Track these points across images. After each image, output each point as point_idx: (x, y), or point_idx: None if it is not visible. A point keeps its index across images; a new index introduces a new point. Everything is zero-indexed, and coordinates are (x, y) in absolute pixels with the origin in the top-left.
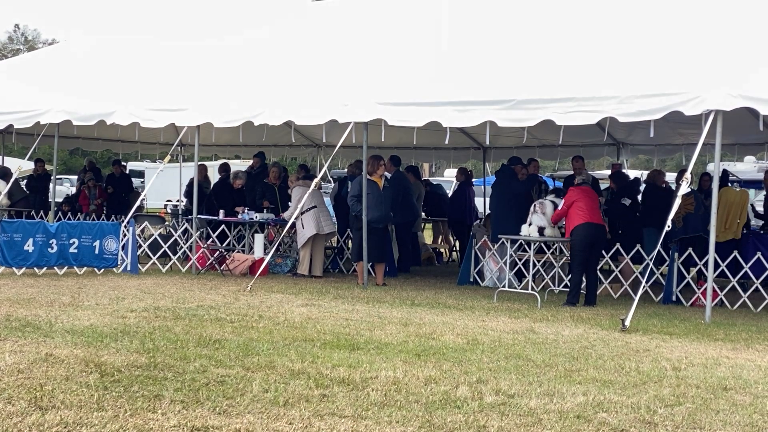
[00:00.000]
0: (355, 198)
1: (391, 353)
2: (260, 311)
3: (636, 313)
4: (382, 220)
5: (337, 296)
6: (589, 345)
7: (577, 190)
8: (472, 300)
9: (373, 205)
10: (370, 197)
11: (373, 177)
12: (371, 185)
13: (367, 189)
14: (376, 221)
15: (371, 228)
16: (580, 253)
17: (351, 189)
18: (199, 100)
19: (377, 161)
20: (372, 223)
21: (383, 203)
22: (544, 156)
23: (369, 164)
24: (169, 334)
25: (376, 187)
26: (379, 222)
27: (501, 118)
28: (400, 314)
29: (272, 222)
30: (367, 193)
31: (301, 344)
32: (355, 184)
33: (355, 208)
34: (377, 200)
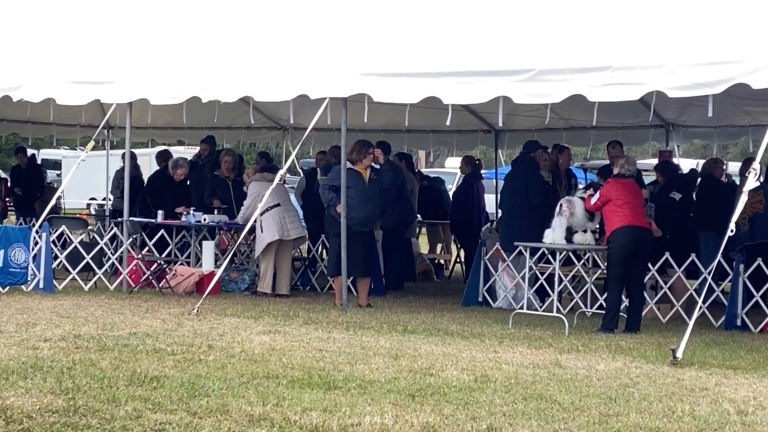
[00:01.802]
0: (329, 189)
1: (377, 393)
2: (210, 340)
3: (690, 341)
4: (367, 223)
5: (309, 320)
6: (630, 383)
7: (615, 184)
8: (480, 325)
9: (357, 203)
10: (352, 192)
11: (358, 167)
12: (354, 177)
13: (349, 182)
14: (359, 224)
15: (353, 232)
16: (619, 265)
17: (327, 177)
18: (131, 71)
19: (365, 148)
20: (354, 227)
21: (369, 200)
22: (573, 141)
23: (354, 151)
24: (94, 370)
25: (360, 179)
26: (364, 225)
27: (518, 92)
28: (389, 343)
29: (225, 226)
30: (349, 187)
31: (262, 382)
32: (333, 172)
33: (326, 198)
34: (362, 197)
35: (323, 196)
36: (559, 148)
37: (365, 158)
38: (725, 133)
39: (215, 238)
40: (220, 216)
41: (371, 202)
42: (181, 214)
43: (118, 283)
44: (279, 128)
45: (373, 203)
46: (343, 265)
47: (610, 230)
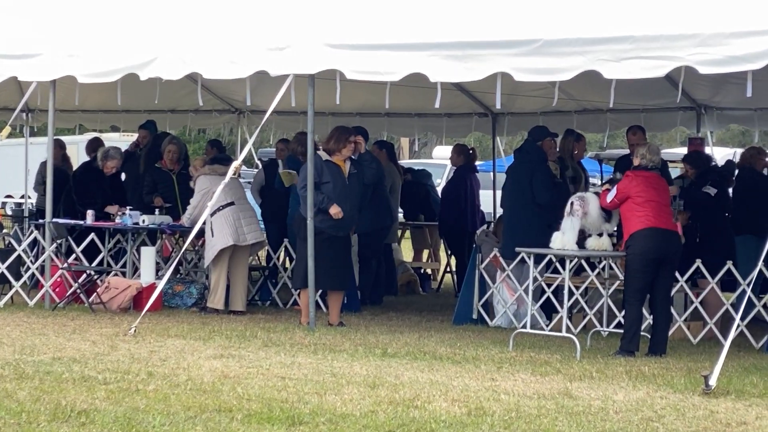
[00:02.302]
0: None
1: (351, 430)
2: (150, 366)
3: (726, 366)
4: (344, 226)
5: (269, 342)
6: (654, 416)
7: (636, 178)
8: (475, 347)
9: (333, 200)
10: (329, 189)
11: (335, 158)
12: (332, 171)
13: (326, 176)
14: (335, 227)
15: (327, 237)
16: (640, 275)
17: (303, 174)
18: (56, 42)
19: (344, 136)
20: (329, 230)
21: (348, 199)
22: (586, 126)
23: (332, 139)
24: (9, 403)
25: (339, 173)
26: (340, 228)
27: (520, 68)
28: (365, 370)
29: (168, 229)
30: (325, 182)
31: (212, 416)
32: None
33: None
34: (340, 194)
35: (302, 196)
36: (576, 135)
37: (345, 148)
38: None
39: (156, 244)
40: (162, 217)
41: (350, 200)
42: (114, 214)
43: (39, 297)
44: (233, 111)
45: (352, 202)
46: (310, 276)
47: (629, 233)
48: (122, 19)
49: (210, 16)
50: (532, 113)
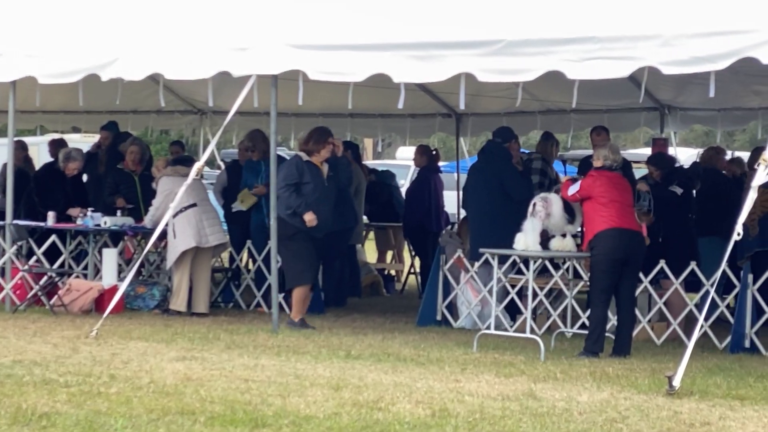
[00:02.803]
0: (290, 188)
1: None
2: (112, 369)
3: (690, 367)
4: (322, 228)
5: (232, 344)
6: (618, 417)
7: (599, 178)
8: (439, 349)
9: (314, 203)
10: (309, 189)
11: (314, 159)
12: (312, 172)
13: (306, 177)
14: (315, 228)
15: (306, 237)
16: (604, 276)
17: (283, 173)
18: (16, 42)
19: (323, 137)
20: (310, 231)
21: (327, 201)
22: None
23: (311, 139)
24: None
25: (319, 174)
26: (319, 229)
27: (483, 68)
28: (329, 372)
29: (130, 231)
30: (306, 183)
31: (175, 419)
32: (289, 166)
33: (290, 203)
34: (320, 196)
35: (285, 200)
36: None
37: (323, 149)
38: (730, 117)
39: (118, 246)
40: (124, 218)
41: (329, 202)
42: (75, 216)
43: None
44: (195, 112)
45: (330, 204)
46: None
47: (593, 233)
48: (83, 19)
49: (172, 17)
50: (496, 114)
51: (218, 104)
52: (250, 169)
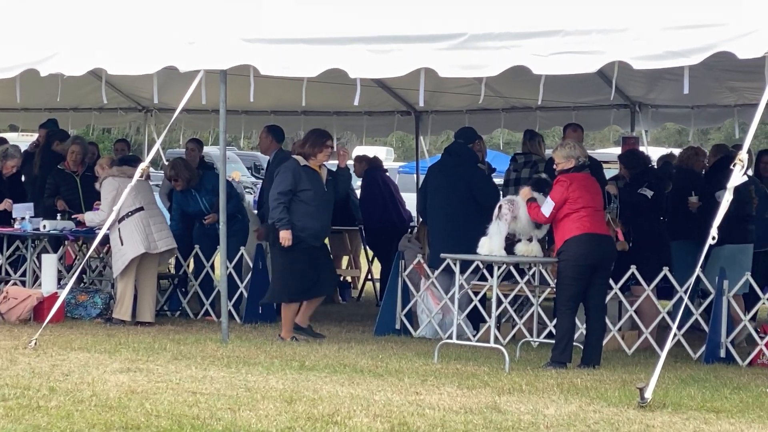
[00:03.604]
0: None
1: None
2: (52, 381)
3: (662, 378)
4: (321, 236)
5: (179, 355)
6: (587, 430)
7: (572, 182)
8: (398, 359)
9: (314, 210)
10: (309, 196)
11: (311, 163)
12: (311, 177)
13: (306, 183)
14: (314, 236)
15: (305, 247)
16: (573, 283)
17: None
18: None
19: (321, 140)
20: (308, 240)
21: (326, 207)
22: (515, 125)
23: (307, 142)
24: None
25: (318, 180)
26: (317, 238)
27: (444, 63)
28: (281, 383)
29: (71, 235)
30: (306, 189)
31: None
32: (285, 171)
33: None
34: (319, 202)
35: (272, 210)
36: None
37: (321, 153)
38: (705, 114)
39: (58, 251)
40: (64, 222)
41: (328, 209)
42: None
43: None
44: (140, 109)
45: (330, 212)
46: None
47: (563, 239)
48: (21, 12)
49: (115, 9)
50: (458, 111)
51: (164, 101)
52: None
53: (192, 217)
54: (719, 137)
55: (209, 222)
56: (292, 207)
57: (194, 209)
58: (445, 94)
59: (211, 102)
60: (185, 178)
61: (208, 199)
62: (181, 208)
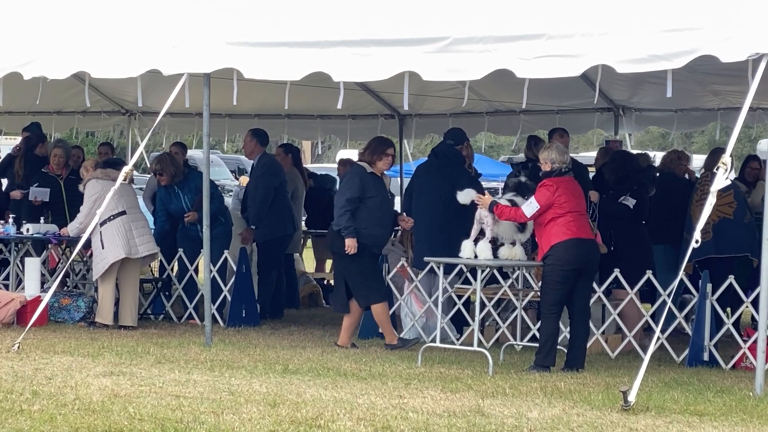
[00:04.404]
0: (351, 203)
1: None
2: (35, 385)
3: (646, 381)
4: (382, 243)
5: (162, 359)
6: None
7: (558, 187)
8: (382, 363)
9: (378, 217)
10: (375, 203)
11: (375, 169)
12: (376, 183)
13: (371, 189)
14: (377, 244)
15: (369, 253)
16: (558, 287)
17: (344, 185)
18: None
19: (381, 147)
20: (372, 247)
21: (390, 215)
22: (498, 128)
23: (367, 150)
24: None
25: (382, 186)
26: (379, 245)
27: (428, 66)
28: (265, 387)
29: (55, 238)
30: (372, 197)
31: None
32: (352, 177)
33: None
34: (383, 209)
35: (337, 217)
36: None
37: (380, 161)
38: (688, 118)
39: (42, 255)
40: (48, 225)
41: (391, 217)
42: None
43: None
44: (123, 113)
45: (392, 219)
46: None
47: (549, 245)
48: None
49: (99, 12)
50: (442, 115)
51: (147, 104)
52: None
53: (173, 216)
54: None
55: (189, 220)
56: (358, 214)
57: (176, 207)
58: (429, 98)
59: (194, 105)
60: (170, 173)
61: (190, 197)
62: (164, 204)
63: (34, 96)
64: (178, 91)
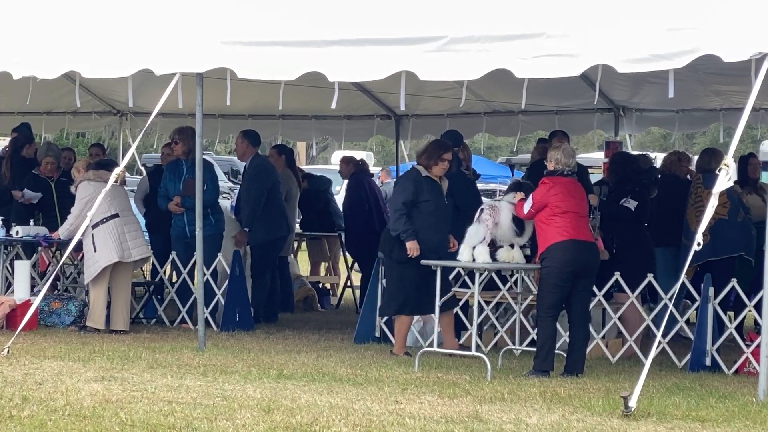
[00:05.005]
0: (405, 207)
1: None
2: (25, 390)
3: (647, 386)
4: (439, 249)
5: (155, 364)
6: None
7: (554, 185)
8: (378, 368)
9: (434, 222)
10: (431, 207)
11: (433, 173)
12: (431, 187)
13: (426, 194)
14: (433, 249)
15: (418, 263)
16: (555, 290)
17: (399, 188)
18: None
19: (437, 151)
20: (427, 253)
21: (446, 221)
22: (496, 129)
23: (424, 153)
24: None
25: (438, 191)
26: (436, 251)
27: (425, 66)
28: (259, 393)
29: (45, 241)
30: (426, 200)
31: None
32: (407, 180)
33: (396, 227)
34: (439, 214)
35: (393, 221)
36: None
37: (435, 166)
38: (690, 118)
39: (32, 257)
40: (38, 228)
41: (447, 223)
42: None
43: None
44: (115, 113)
45: (449, 225)
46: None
47: (546, 245)
48: None
49: (90, 10)
50: (438, 115)
51: (139, 105)
52: (172, 170)
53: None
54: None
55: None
56: (412, 218)
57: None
58: (426, 98)
59: (187, 105)
60: (187, 146)
61: None
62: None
63: (24, 96)
64: (171, 91)
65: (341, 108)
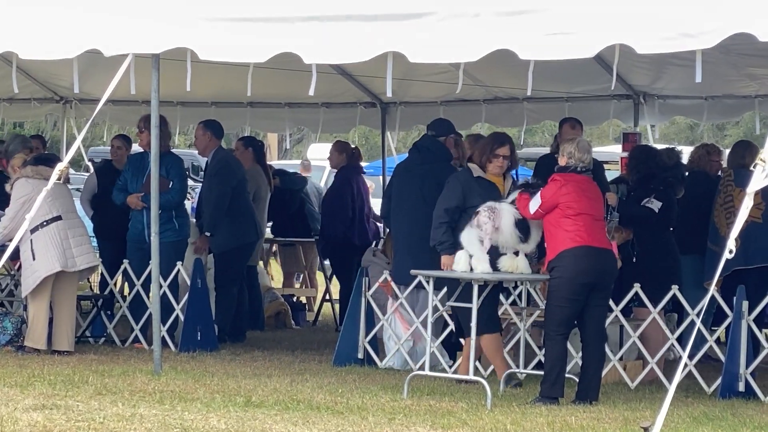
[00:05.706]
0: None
1: None
2: None
3: (671, 416)
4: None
5: (104, 389)
6: None
7: (566, 183)
8: (361, 394)
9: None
10: None
11: (489, 174)
12: (483, 189)
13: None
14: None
15: None
16: (565, 305)
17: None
18: None
19: (490, 145)
20: None
21: None
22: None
23: (477, 149)
24: None
25: (490, 192)
26: None
27: (414, 46)
28: (224, 423)
29: None
30: (472, 206)
31: None
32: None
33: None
34: None
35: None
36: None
37: (490, 163)
38: (720, 106)
39: None
40: None
41: None
42: None
43: None
44: (57, 100)
45: None
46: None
47: (555, 252)
48: None
49: None
50: (431, 102)
51: (85, 91)
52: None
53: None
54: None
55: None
56: (460, 226)
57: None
58: (416, 83)
59: (141, 92)
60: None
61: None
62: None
63: None
64: (122, 75)
65: (319, 95)
